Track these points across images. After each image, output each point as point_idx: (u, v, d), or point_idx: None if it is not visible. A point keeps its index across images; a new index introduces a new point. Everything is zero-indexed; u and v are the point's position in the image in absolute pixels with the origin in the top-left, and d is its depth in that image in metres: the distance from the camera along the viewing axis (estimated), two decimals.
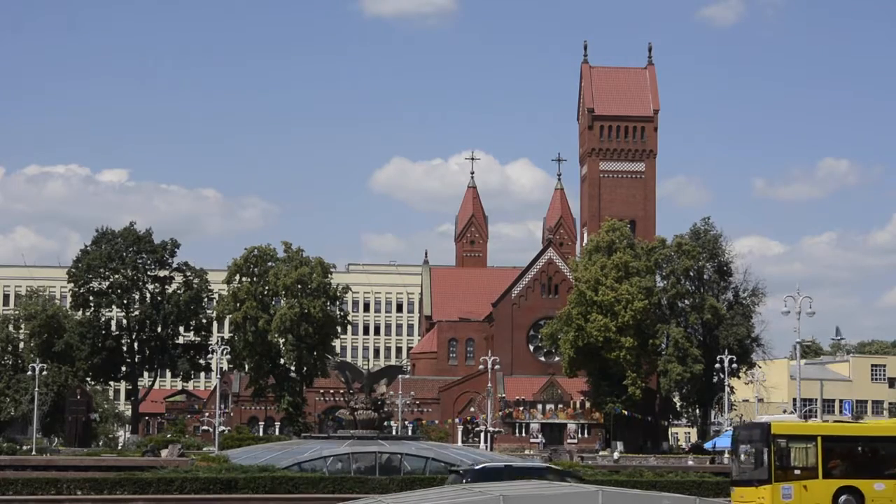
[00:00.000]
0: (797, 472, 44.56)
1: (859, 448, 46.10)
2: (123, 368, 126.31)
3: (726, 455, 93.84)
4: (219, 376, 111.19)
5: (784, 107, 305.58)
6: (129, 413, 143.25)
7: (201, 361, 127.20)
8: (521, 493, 25.45)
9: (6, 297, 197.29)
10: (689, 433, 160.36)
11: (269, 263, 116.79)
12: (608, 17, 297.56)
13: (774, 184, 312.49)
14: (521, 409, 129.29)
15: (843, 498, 44.12)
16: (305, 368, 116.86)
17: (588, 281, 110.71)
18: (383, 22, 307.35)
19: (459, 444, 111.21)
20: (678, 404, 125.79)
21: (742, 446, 46.75)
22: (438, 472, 54.64)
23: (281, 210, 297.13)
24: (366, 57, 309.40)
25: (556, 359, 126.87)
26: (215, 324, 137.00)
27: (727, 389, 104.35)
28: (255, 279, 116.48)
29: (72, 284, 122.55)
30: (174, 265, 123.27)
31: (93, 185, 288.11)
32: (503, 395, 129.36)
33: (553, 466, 54.58)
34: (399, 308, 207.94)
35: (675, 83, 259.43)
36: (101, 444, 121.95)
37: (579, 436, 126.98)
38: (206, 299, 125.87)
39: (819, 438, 44.81)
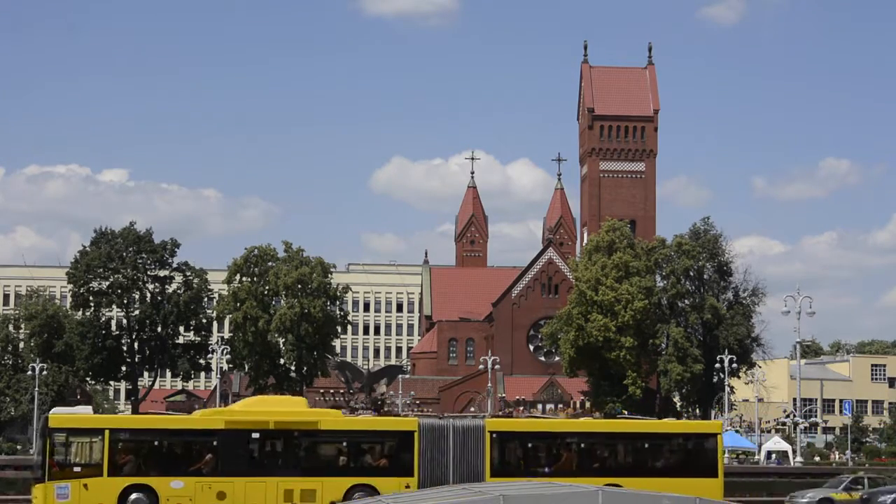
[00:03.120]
0: (78, 469, 41.00)
1: (156, 443, 42.65)
2: (123, 368, 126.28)
3: (726, 455, 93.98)
4: (219, 376, 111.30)
5: (784, 107, 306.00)
6: (129, 413, 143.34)
7: (201, 361, 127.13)
8: (521, 493, 25.46)
9: (6, 297, 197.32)
10: None
11: (270, 263, 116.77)
12: (608, 17, 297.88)
13: (775, 183, 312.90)
14: (522, 408, 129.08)
15: (133, 497, 40.80)
16: (305, 368, 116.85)
17: (588, 281, 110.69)
18: (383, 22, 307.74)
19: None
20: (678, 404, 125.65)
21: (38, 441, 42.99)
22: None
23: (281, 210, 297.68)
24: (366, 57, 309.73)
25: (556, 359, 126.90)
26: (215, 324, 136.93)
27: (727, 389, 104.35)
28: (255, 279, 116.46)
29: (71, 285, 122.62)
30: (174, 265, 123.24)
31: (93, 185, 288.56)
32: (503, 395, 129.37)
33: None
34: (399, 308, 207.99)
35: (675, 83, 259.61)
36: None
37: None
38: (206, 299, 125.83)
39: (107, 432, 41.32)
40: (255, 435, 42.43)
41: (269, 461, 42.80)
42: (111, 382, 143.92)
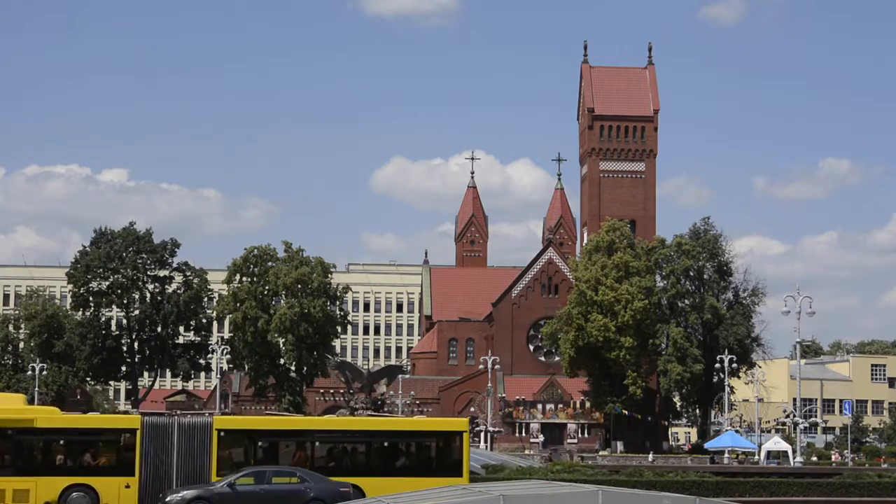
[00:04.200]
0: None
1: None
2: (123, 368, 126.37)
3: (726, 455, 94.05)
4: (219, 376, 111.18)
5: (784, 107, 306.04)
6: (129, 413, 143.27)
7: (201, 361, 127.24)
8: (521, 492, 25.47)
9: (6, 297, 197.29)
10: (689, 433, 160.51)
11: (269, 263, 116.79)
12: (608, 17, 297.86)
13: (775, 183, 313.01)
14: (521, 408, 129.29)
15: None
16: (305, 368, 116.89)
17: (588, 281, 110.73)
18: (383, 22, 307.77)
19: None
20: (678, 404, 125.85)
21: None
22: None
23: (281, 210, 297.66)
24: (366, 57, 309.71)
25: (556, 359, 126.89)
26: (215, 324, 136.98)
27: (727, 389, 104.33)
28: (255, 279, 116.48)
29: (71, 285, 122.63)
30: (174, 265, 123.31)
31: (93, 185, 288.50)
32: (503, 395, 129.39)
33: None
34: (399, 308, 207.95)
35: (675, 83, 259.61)
36: None
37: (579, 435, 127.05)
38: (206, 299, 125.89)
39: None
40: None
41: None
42: (111, 382, 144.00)
